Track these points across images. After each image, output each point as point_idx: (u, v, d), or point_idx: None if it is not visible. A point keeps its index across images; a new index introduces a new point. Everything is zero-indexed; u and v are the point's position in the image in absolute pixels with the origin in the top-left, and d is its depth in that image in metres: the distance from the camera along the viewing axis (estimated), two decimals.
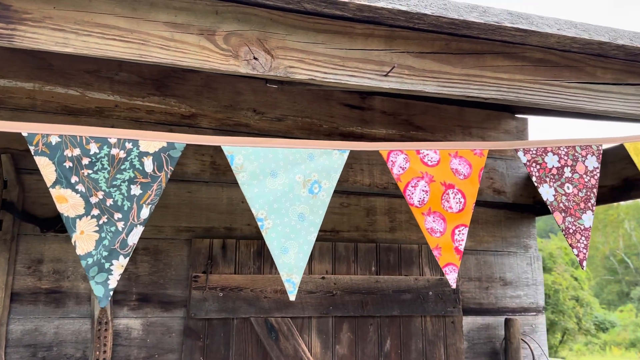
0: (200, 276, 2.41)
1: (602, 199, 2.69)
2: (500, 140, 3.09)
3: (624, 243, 39.37)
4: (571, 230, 1.46)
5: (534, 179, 1.47)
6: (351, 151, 2.95)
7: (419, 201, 1.36)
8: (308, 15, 1.30)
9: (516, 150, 1.48)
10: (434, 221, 1.35)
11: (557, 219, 1.46)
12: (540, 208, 3.07)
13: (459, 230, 1.37)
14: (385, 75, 1.37)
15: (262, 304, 2.46)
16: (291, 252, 1.18)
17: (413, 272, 2.76)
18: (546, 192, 1.46)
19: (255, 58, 1.26)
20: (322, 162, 1.27)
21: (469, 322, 2.85)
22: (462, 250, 1.36)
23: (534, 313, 2.98)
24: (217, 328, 2.41)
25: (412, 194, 1.35)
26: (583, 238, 1.46)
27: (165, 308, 2.37)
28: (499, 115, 3.10)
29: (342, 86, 1.36)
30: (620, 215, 39.35)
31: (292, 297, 1.17)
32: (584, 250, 1.45)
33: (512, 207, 3.05)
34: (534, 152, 1.49)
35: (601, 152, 1.56)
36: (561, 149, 1.51)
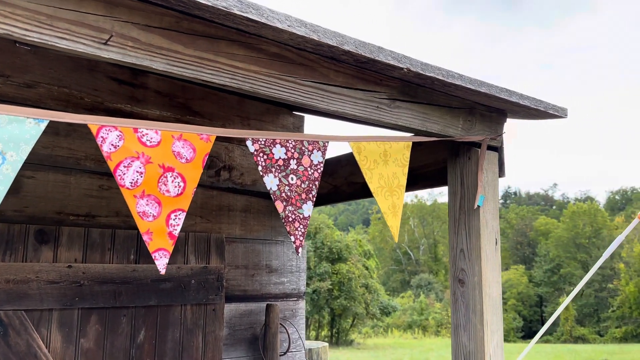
0: None
1: (355, 195, 2.98)
2: None
3: (408, 237, 45.29)
4: (290, 219, 1.54)
5: (259, 168, 1.51)
6: None
7: (132, 182, 1.28)
8: None
9: (245, 140, 1.51)
10: (147, 204, 1.29)
11: (278, 207, 1.52)
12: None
13: (176, 215, 1.33)
14: (105, 44, 1.26)
15: None
16: None
17: (177, 261, 2.68)
18: (270, 182, 1.52)
19: None
20: (10, 130, 1.11)
21: (232, 309, 2.89)
22: (177, 235, 1.32)
23: (295, 298, 3.16)
24: None
25: (124, 174, 1.27)
26: (301, 226, 1.56)
27: None
28: (278, 110, 3.21)
29: (51, 48, 1.21)
30: (407, 213, 45.16)
31: None
32: (301, 238, 1.55)
33: None
34: (263, 142, 1.53)
35: (327, 147, 1.68)
36: (289, 142, 1.59)
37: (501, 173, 2.32)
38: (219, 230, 2.90)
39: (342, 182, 3.13)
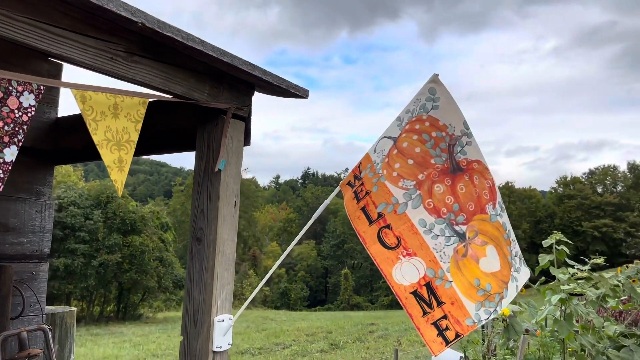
0: None
1: (76, 157, 2.97)
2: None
3: None
4: None
5: None
6: None
7: None
8: None
9: None
10: None
11: None
12: (62, 157, 3.05)
13: None
14: None
15: None
16: None
17: None
18: None
19: None
20: None
21: None
22: None
23: (37, 260, 2.93)
24: None
25: None
26: (1, 171, 1.46)
27: None
28: (30, 53, 2.88)
29: None
30: None
31: None
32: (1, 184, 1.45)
33: (30, 151, 2.90)
34: None
35: (42, 91, 1.60)
36: None
37: (247, 142, 2.48)
38: None
39: None
